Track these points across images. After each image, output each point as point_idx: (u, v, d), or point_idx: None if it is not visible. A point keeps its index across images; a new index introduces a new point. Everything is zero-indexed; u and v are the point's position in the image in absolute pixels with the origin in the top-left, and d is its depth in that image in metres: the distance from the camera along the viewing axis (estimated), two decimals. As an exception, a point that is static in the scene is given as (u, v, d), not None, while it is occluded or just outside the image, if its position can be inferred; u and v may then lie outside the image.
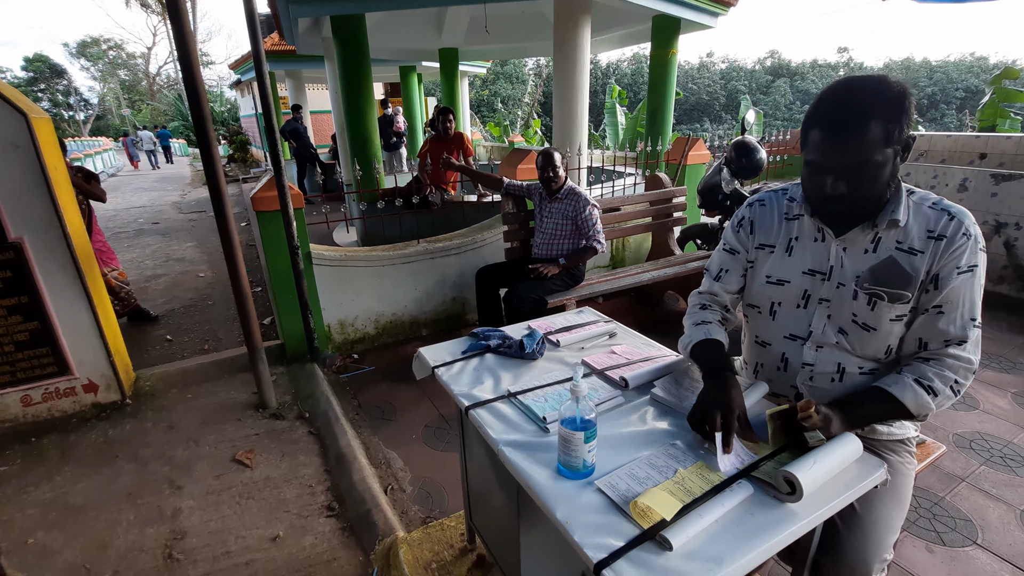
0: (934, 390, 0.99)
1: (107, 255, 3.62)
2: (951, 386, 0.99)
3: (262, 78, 2.42)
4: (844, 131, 0.94)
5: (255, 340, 2.49)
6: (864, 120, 0.93)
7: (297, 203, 2.74)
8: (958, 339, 1.00)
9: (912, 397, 0.99)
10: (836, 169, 0.97)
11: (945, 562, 1.70)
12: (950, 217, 1.00)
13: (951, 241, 0.99)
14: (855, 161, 0.95)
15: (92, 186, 3.35)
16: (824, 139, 0.97)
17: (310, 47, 7.09)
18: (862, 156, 0.94)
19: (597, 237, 2.86)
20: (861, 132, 0.93)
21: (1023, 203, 3.68)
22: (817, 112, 0.99)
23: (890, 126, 0.93)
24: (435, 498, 2.04)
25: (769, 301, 1.19)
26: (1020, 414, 2.48)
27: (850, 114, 0.94)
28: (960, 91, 27.65)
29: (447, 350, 1.45)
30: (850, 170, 0.96)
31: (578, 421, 0.90)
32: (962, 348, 1.00)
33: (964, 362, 1.00)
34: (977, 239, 1.00)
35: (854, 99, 0.95)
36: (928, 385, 0.99)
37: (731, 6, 5.79)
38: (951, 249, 0.99)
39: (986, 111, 7.52)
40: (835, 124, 0.96)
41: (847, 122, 0.94)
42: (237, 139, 15.65)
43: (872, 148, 0.94)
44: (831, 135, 0.96)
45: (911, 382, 1.00)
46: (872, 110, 0.93)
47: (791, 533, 0.83)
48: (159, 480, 2.12)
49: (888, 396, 1.01)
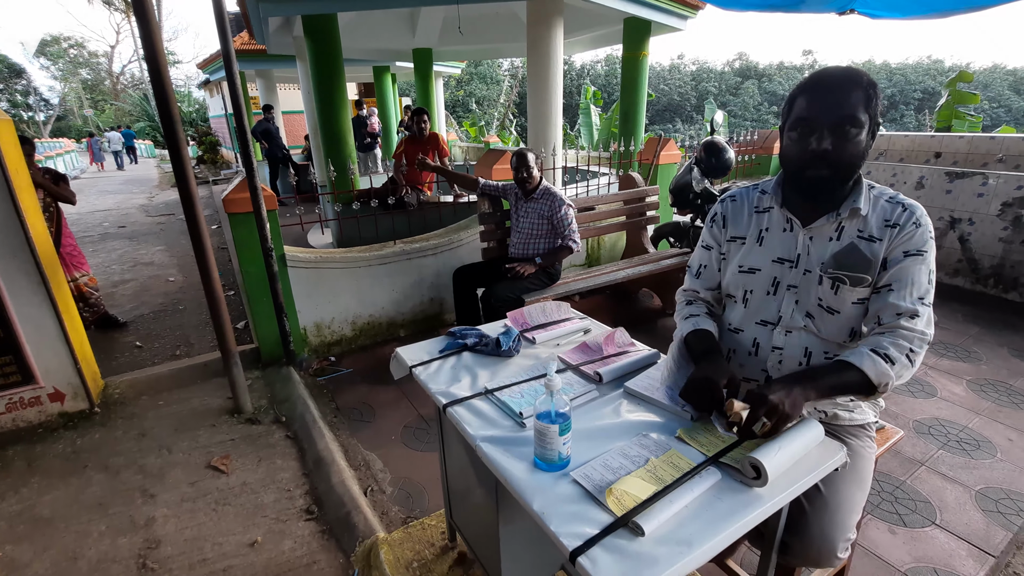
0: (891, 358, 1.03)
1: (77, 259, 3.51)
2: (907, 355, 1.04)
3: (232, 78, 2.39)
4: (833, 91, 1.05)
5: (229, 344, 2.46)
6: (848, 85, 1.04)
7: (270, 204, 2.71)
8: (910, 312, 1.05)
9: (871, 364, 1.03)
10: (823, 124, 1.05)
11: (906, 542, 1.79)
12: (904, 208, 1.10)
13: (903, 228, 1.08)
14: (841, 115, 1.03)
15: (61, 188, 3.25)
16: (813, 99, 1.07)
17: (281, 47, 6.98)
18: (847, 111, 1.03)
19: (572, 236, 2.89)
20: (846, 92, 1.04)
21: (975, 200, 3.87)
22: (806, 85, 1.09)
23: (868, 94, 1.04)
24: (415, 498, 2.04)
25: (742, 289, 1.25)
26: (975, 400, 2.61)
27: (836, 80, 1.05)
28: (918, 92, 28.75)
29: (424, 349, 1.47)
30: (836, 125, 1.04)
31: (553, 415, 0.93)
32: (914, 321, 1.05)
33: (918, 333, 1.05)
34: (927, 229, 1.08)
35: (836, 73, 1.07)
36: (884, 354, 1.04)
37: (699, 9, 5.92)
38: (902, 235, 1.07)
39: (943, 112, 7.83)
40: (824, 87, 1.06)
41: (834, 85, 1.05)
42: (206, 140, 15.30)
43: (854, 107, 1.03)
44: (820, 95, 1.06)
45: (868, 352, 1.05)
46: (853, 80, 1.05)
47: (757, 515, 0.87)
48: (131, 489, 2.07)
49: (848, 366, 1.05)
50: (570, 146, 11.01)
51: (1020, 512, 1.91)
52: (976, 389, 2.71)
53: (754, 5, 2.31)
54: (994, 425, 2.42)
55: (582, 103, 11.55)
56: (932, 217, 4.02)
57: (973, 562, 1.70)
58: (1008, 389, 2.71)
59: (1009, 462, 2.17)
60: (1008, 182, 3.70)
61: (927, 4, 2.16)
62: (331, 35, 4.56)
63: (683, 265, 3.48)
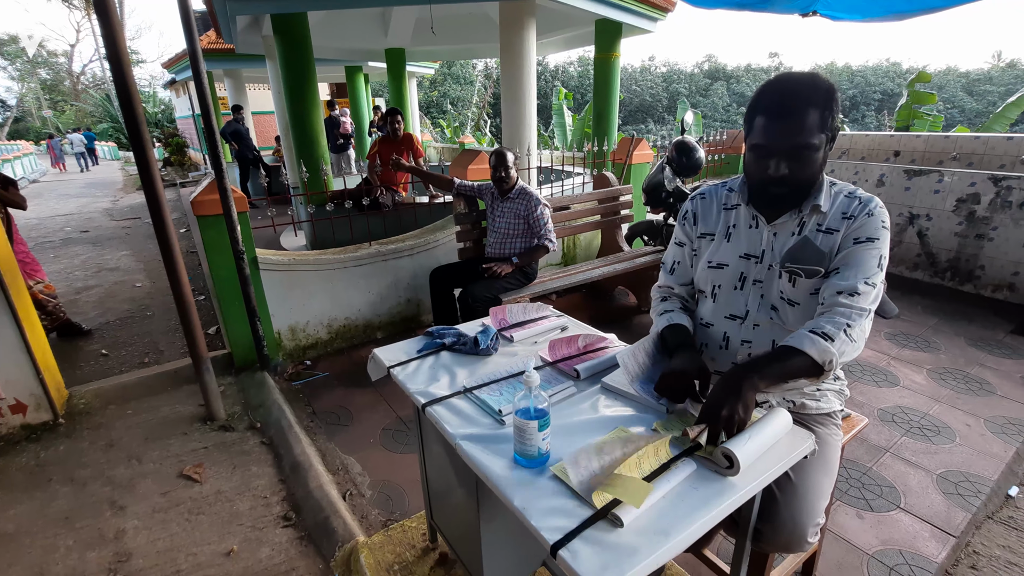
0: (828, 335, 1.06)
1: (31, 267, 3.38)
2: (844, 330, 1.06)
3: (199, 77, 2.33)
4: (786, 116, 1.07)
5: (200, 349, 2.40)
6: (803, 107, 1.05)
7: (241, 206, 2.65)
8: (849, 290, 1.08)
9: (811, 344, 1.06)
10: (779, 151, 1.08)
11: (873, 526, 1.86)
12: (859, 201, 1.14)
13: (856, 218, 1.13)
14: (796, 143, 1.07)
15: (10, 193, 3.12)
16: (768, 124, 1.09)
17: (250, 46, 6.83)
18: (802, 139, 1.06)
19: (548, 236, 2.91)
20: (801, 117, 1.05)
21: (932, 196, 4.04)
22: (761, 101, 1.10)
23: (823, 114, 1.06)
24: (395, 500, 2.03)
25: (711, 284, 1.29)
26: (935, 388, 2.73)
27: (791, 102, 1.06)
28: (878, 94, 29.82)
29: (402, 350, 1.46)
30: (791, 152, 1.08)
31: (532, 411, 0.94)
32: (853, 298, 1.08)
33: (855, 309, 1.08)
34: (879, 218, 1.12)
35: (793, 89, 1.07)
36: (822, 332, 1.06)
37: (668, 11, 6.03)
38: (855, 224, 1.12)
39: (902, 112, 8.13)
40: (778, 111, 1.08)
41: (788, 109, 1.06)
42: (173, 141, 14.87)
43: (809, 132, 1.06)
44: (774, 120, 1.08)
45: (807, 333, 1.08)
46: (808, 99, 1.06)
47: (732, 503, 0.90)
48: (99, 501, 2.01)
49: (791, 350, 1.07)
50: (544, 147, 11.07)
51: (978, 494, 2.00)
52: (936, 377, 2.83)
53: (724, 3, 2.37)
54: (953, 411, 2.53)
55: (555, 104, 11.63)
56: (892, 213, 4.21)
57: (936, 543, 1.78)
58: (965, 377, 2.84)
59: (967, 446, 2.28)
60: (962, 179, 3.87)
61: (884, 6, 2.26)
62: (301, 34, 4.48)
63: (657, 263, 3.53)
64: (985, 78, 31.03)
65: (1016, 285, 3.70)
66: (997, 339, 3.27)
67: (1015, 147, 4.55)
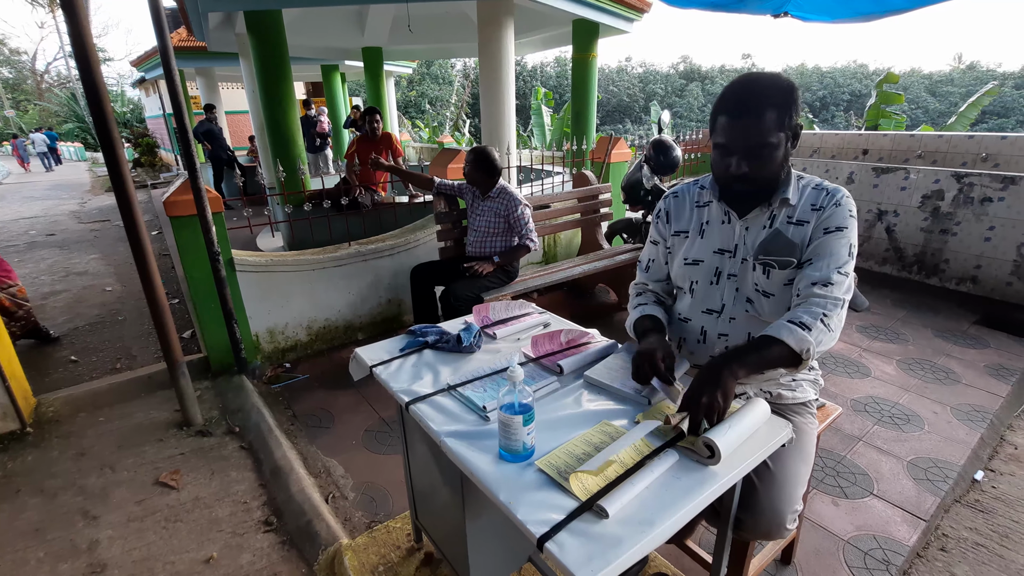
0: (806, 325, 1.10)
1: (2, 270, 3.25)
2: (820, 319, 1.10)
3: (171, 76, 2.28)
4: (745, 115, 1.10)
5: (175, 353, 2.34)
6: (761, 107, 1.09)
7: (215, 207, 2.60)
8: (823, 280, 1.13)
9: (788, 334, 1.10)
10: (739, 149, 1.12)
11: (848, 513, 1.91)
12: (827, 193, 1.19)
13: (825, 209, 1.17)
14: (754, 143, 1.10)
15: None
16: (728, 123, 1.12)
17: (223, 43, 6.68)
18: (760, 138, 1.10)
19: (530, 236, 2.92)
20: (759, 117, 1.09)
21: (899, 193, 4.17)
22: (722, 102, 1.14)
23: (781, 113, 1.09)
24: (379, 502, 2.02)
25: (688, 280, 1.32)
26: (904, 378, 2.82)
27: (749, 102, 1.10)
28: (847, 94, 30.65)
29: (384, 349, 1.45)
30: (750, 151, 1.11)
31: (516, 406, 0.94)
32: (828, 288, 1.12)
33: (830, 299, 1.12)
34: (846, 208, 1.16)
35: (752, 90, 1.11)
36: (800, 322, 1.10)
37: (644, 12, 6.10)
38: (824, 215, 1.16)
39: (871, 112, 8.39)
40: (738, 110, 1.11)
41: (747, 108, 1.10)
42: (143, 142, 14.46)
43: (768, 131, 1.09)
44: (734, 119, 1.11)
45: (785, 323, 1.12)
46: (767, 99, 1.09)
47: (713, 491, 0.92)
48: (71, 512, 1.94)
49: (770, 339, 1.11)
50: (523, 146, 11.09)
51: (946, 479, 2.08)
52: (905, 368, 2.93)
53: (698, 4, 2.41)
54: (922, 400, 2.62)
55: (534, 104, 11.68)
56: (862, 210, 4.33)
57: (907, 527, 1.84)
58: (932, 366, 2.94)
59: (935, 433, 2.36)
60: (927, 176, 4.01)
61: (852, 8, 2.33)
62: (276, 32, 4.41)
63: (636, 260, 3.57)
64: (947, 79, 32.17)
65: (978, 278, 3.85)
66: (962, 330, 3.40)
67: (976, 145, 4.73)
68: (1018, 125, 24.94)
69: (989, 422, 2.44)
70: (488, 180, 2.88)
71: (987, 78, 28.25)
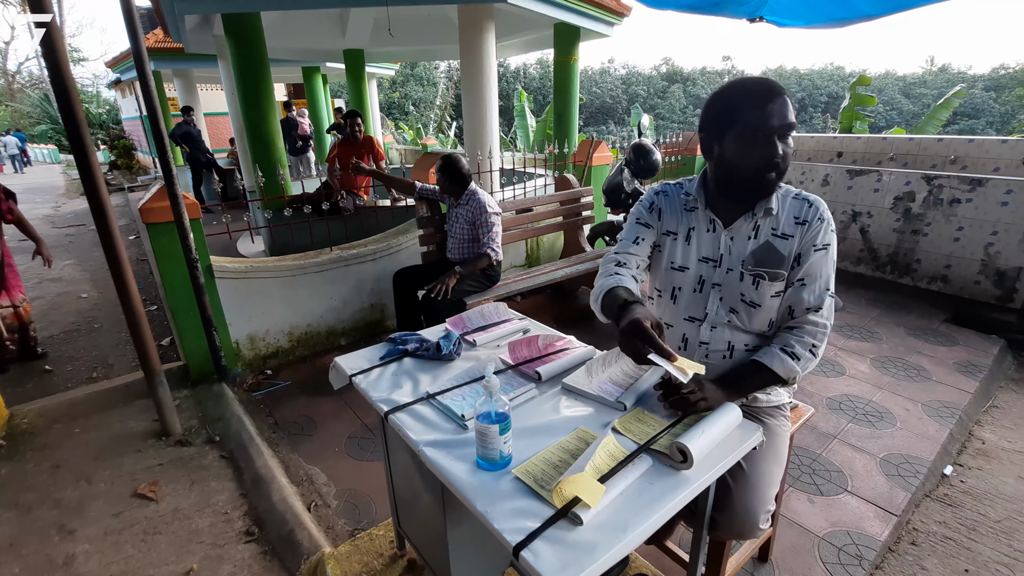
0: (796, 355, 1.19)
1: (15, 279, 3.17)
2: (810, 349, 1.19)
3: (145, 79, 2.24)
4: (777, 99, 1.11)
5: (152, 362, 2.31)
6: (783, 95, 1.12)
7: (193, 213, 2.57)
8: (816, 306, 1.20)
9: (779, 364, 1.19)
10: (777, 131, 1.11)
11: (823, 510, 1.96)
12: (809, 204, 1.21)
13: (810, 224, 1.19)
14: (789, 122, 1.12)
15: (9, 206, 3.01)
16: (762, 109, 1.10)
17: (200, 45, 6.59)
18: (792, 118, 1.12)
19: (491, 244, 2.83)
20: (786, 102, 1.12)
21: (872, 195, 4.28)
22: (747, 94, 1.13)
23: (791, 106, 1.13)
24: (362, 509, 2.01)
25: (671, 286, 1.33)
26: (877, 376, 2.90)
27: (775, 89, 1.12)
28: (824, 96, 31.27)
29: (364, 357, 1.45)
30: (785, 134, 1.13)
31: (492, 415, 0.96)
32: (819, 315, 1.20)
33: (820, 327, 1.20)
34: (829, 223, 1.21)
35: (770, 83, 1.14)
36: (791, 351, 1.19)
37: (624, 15, 6.16)
38: (810, 231, 1.19)
39: (845, 114, 8.58)
40: (767, 96, 1.11)
41: (775, 94, 1.11)
42: (119, 144, 14.17)
43: (794, 114, 1.13)
44: (766, 104, 1.10)
45: (777, 351, 1.20)
46: (783, 91, 1.13)
47: (686, 495, 0.94)
48: (46, 526, 1.90)
49: (761, 366, 1.20)
50: (507, 148, 11.12)
51: (917, 474, 2.14)
52: (878, 366, 3.01)
53: (675, 5, 2.45)
54: (894, 398, 2.69)
55: (517, 106, 11.70)
56: (836, 211, 4.42)
57: (880, 523, 1.89)
58: (904, 364, 3.03)
59: (907, 430, 2.43)
60: (898, 178, 4.12)
61: (825, 13, 2.40)
62: (254, 34, 4.36)
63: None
64: (920, 81, 32.99)
65: (948, 277, 3.96)
66: (932, 328, 3.50)
67: (945, 148, 4.86)
68: (987, 126, 25.69)
69: (958, 418, 2.52)
70: (457, 188, 2.86)
71: (958, 80, 29.07)
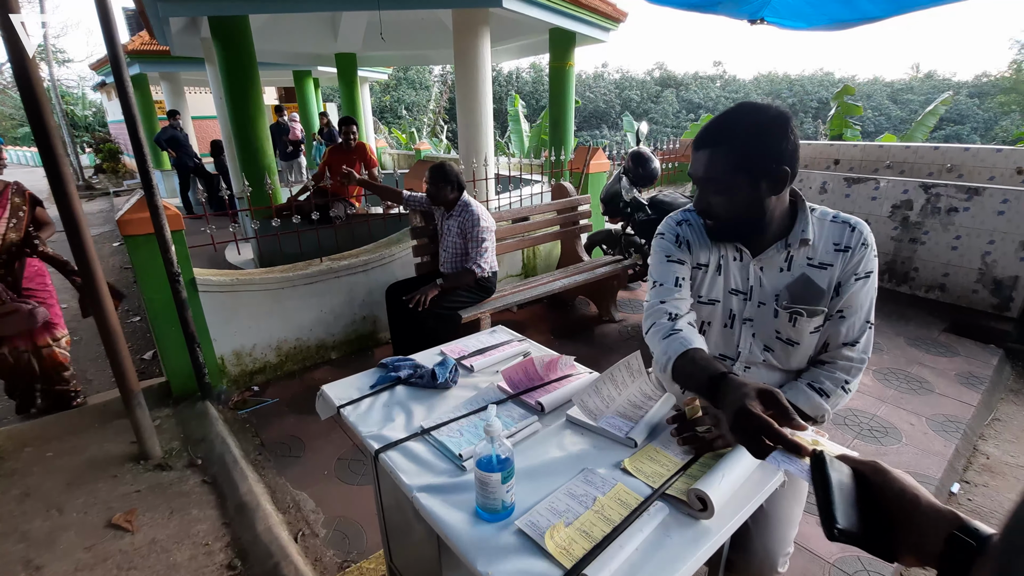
0: (825, 392, 1.08)
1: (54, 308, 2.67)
2: (842, 386, 1.08)
3: (123, 87, 2.14)
4: (699, 146, 1.05)
5: (129, 383, 2.19)
6: (715, 141, 1.02)
7: (175, 224, 2.46)
8: (853, 340, 1.09)
9: (805, 400, 1.08)
10: (697, 180, 1.07)
11: (832, 534, 1.88)
12: (851, 228, 1.07)
13: (854, 252, 1.06)
14: (704, 176, 1.04)
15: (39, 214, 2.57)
16: (692, 153, 1.09)
17: (187, 48, 6.45)
18: (709, 172, 1.03)
19: (478, 260, 2.72)
20: (711, 151, 1.02)
21: (870, 203, 4.24)
22: (695, 138, 1.08)
23: (741, 153, 0.99)
24: (352, 539, 1.91)
25: (700, 321, 1.21)
26: (881, 390, 2.84)
27: (708, 134, 1.04)
28: (814, 102, 31.51)
29: (354, 385, 1.36)
30: (704, 183, 1.06)
31: (494, 461, 0.87)
32: (855, 349, 1.08)
33: (855, 362, 1.08)
34: (873, 248, 1.07)
35: (720, 122, 1.03)
36: (819, 388, 1.08)
37: (620, 21, 6.12)
38: (854, 259, 1.06)
39: (833, 122, 8.65)
40: (698, 140, 1.06)
41: (704, 140, 1.04)
42: (105, 147, 13.93)
43: (718, 167, 1.02)
44: (694, 149, 1.08)
45: (804, 387, 1.09)
46: (727, 134, 1.01)
47: (707, 550, 0.85)
48: (11, 562, 1.78)
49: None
50: (501, 153, 11.05)
51: (926, 494, 2.07)
52: (881, 378, 2.95)
53: (676, 2, 2.39)
54: (899, 412, 2.63)
55: (511, 111, 11.65)
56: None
57: (890, 547, 1.82)
58: (907, 376, 2.97)
59: (912, 446, 2.37)
60: (896, 186, 4.08)
61: (828, 15, 2.36)
62: (242, 38, 4.25)
63: (617, 273, 3.54)
64: (907, 88, 33.40)
65: (946, 286, 3.93)
66: (932, 338, 3.46)
67: (941, 156, 4.85)
68: (972, 132, 26.02)
69: (962, 432, 2.47)
70: (448, 198, 2.75)
71: (944, 87, 29.47)
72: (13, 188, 2.50)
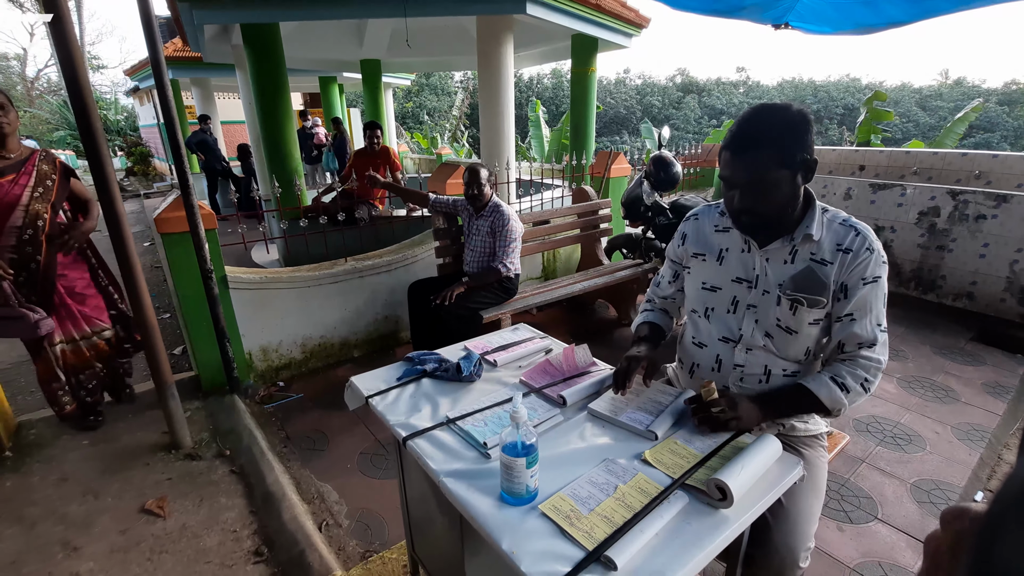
0: (846, 387, 1.12)
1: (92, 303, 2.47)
2: (861, 383, 1.12)
3: (163, 90, 2.24)
4: (741, 151, 1.08)
5: (163, 375, 2.28)
6: (757, 143, 1.06)
7: (209, 223, 2.55)
8: (869, 342, 1.13)
9: (827, 392, 1.12)
10: (738, 184, 1.10)
11: (853, 539, 1.87)
12: (856, 233, 1.13)
13: (856, 255, 1.11)
14: (750, 178, 1.08)
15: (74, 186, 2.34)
16: (728, 158, 1.11)
17: (219, 55, 6.67)
18: (756, 174, 1.07)
19: (505, 259, 2.80)
20: (754, 153, 1.06)
21: (896, 209, 4.18)
22: (728, 135, 1.12)
23: (784, 149, 1.06)
24: (375, 530, 1.96)
25: (704, 306, 1.29)
26: (904, 397, 2.80)
27: (746, 137, 1.07)
28: (840, 108, 30.98)
29: (381, 377, 1.40)
30: (748, 186, 1.09)
31: (519, 447, 0.90)
32: (872, 350, 1.13)
33: (874, 362, 1.13)
34: (880, 253, 1.12)
35: (753, 124, 1.08)
36: (841, 382, 1.12)
37: (643, 27, 6.14)
38: (856, 262, 1.11)
39: (862, 128, 8.50)
40: (736, 145, 1.09)
41: (744, 144, 1.07)
42: (136, 151, 14.40)
43: (763, 166, 1.06)
44: (733, 154, 1.10)
45: (827, 379, 1.13)
46: (766, 134, 1.06)
47: (725, 538, 0.88)
48: (50, 543, 1.87)
49: (806, 391, 1.13)
50: (522, 158, 11.12)
51: (948, 501, 2.04)
52: (905, 386, 2.91)
53: (696, 7, 2.41)
54: (923, 420, 2.59)
55: (532, 116, 11.72)
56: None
57: (912, 553, 1.80)
58: (932, 384, 2.92)
59: (937, 454, 2.33)
60: (923, 193, 4.02)
61: (853, 20, 2.35)
62: (273, 45, 4.39)
63: (637, 276, 3.55)
64: (936, 94, 32.60)
65: (974, 294, 3.84)
66: (959, 347, 3.39)
67: (969, 163, 4.75)
68: (1002, 140, 25.29)
69: (987, 441, 2.41)
70: (486, 198, 2.84)
71: (973, 94, 28.68)
72: (41, 155, 2.24)
